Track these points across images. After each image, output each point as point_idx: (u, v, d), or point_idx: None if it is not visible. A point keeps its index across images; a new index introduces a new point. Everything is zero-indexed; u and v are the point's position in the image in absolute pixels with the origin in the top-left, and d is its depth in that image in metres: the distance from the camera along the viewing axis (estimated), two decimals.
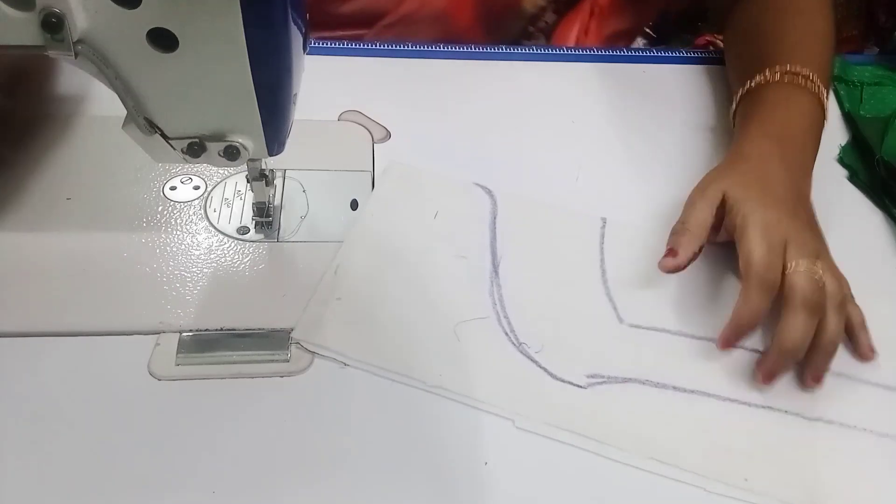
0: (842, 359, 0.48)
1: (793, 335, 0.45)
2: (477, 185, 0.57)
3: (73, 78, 0.40)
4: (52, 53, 0.36)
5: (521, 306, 0.49)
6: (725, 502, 0.42)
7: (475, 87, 0.67)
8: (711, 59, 0.72)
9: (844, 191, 0.62)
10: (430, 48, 0.71)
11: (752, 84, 0.59)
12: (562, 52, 0.73)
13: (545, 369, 0.46)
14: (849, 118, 0.67)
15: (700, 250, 0.49)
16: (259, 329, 0.47)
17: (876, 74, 0.72)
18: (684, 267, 0.49)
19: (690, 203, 0.52)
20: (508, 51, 0.72)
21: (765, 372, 0.46)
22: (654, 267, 0.49)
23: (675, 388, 0.46)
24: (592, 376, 0.46)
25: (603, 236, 0.54)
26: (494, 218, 0.55)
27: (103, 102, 0.42)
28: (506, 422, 0.44)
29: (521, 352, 0.47)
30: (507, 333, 0.48)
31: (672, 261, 0.49)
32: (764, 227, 0.48)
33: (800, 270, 0.46)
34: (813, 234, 0.50)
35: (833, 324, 0.47)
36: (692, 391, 0.46)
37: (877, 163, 0.61)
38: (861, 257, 0.55)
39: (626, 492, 0.42)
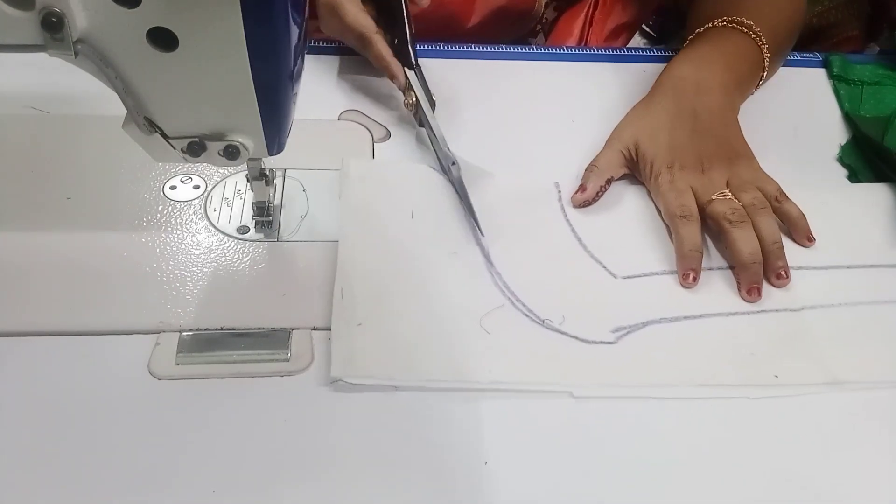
0: (794, 254, 0.54)
1: (739, 245, 0.51)
2: (433, 169, 0.58)
3: (72, 77, 0.40)
4: (52, 53, 0.36)
5: (526, 288, 0.51)
6: (766, 403, 0.46)
7: (475, 86, 0.67)
8: None
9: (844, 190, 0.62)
10: (430, 48, 0.71)
11: (695, 34, 0.64)
12: (562, 51, 0.74)
13: (576, 337, 0.49)
14: (849, 118, 0.67)
15: (608, 184, 0.57)
16: (259, 328, 0.47)
17: (876, 74, 0.72)
18: (591, 199, 0.57)
19: (607, 143, 0.59)
20: (509, 50, 0.72)
21: (745, 288, 0.51)
22: (618, 223, 0.56)
23: (685, 317, 0.50)
24: (616, 330, 0.49)
25: (563, 206, 0.57)
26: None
27: (103, 102, 0.42)
28: (505, 420, 0.44)
29: (547, 327, 0.49)
30: (527, 315, 0.49)
31: (580, 195, 0.57)
32: (669, 182, 0.55)
33: (712, 199, 0.54)
34: (719, 166, 0.56)
35: (764, 224, 0.53)
36: (700, 316, 0.50)
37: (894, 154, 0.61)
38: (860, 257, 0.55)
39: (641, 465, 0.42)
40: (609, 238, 0.55)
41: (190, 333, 0.46)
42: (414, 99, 0.59)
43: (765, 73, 0.64)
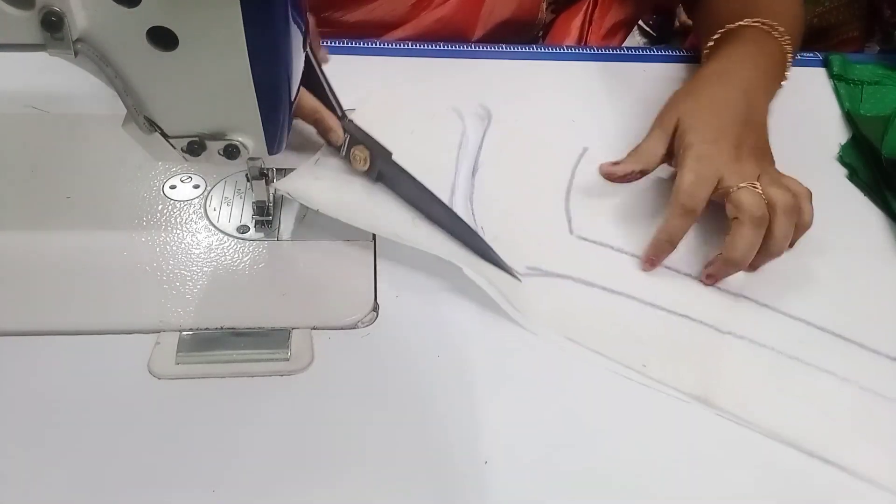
0: (766, 290, 0.52)
1: (740, 246, 0.49)
2: (480, 106, 0.63)
3: (72, 77, 0.40)
4: (51, 52, 0.36)
5: (486, 202, 0.55)
6: (623, 382, 0.46)
7: (476, 85, 0.67)
8: None
9: (844, 189, 0.62)
10: (430, 47, 0.71)
11: (725, 29, 0.63)
12: (563, 51, 0.73)
13: (489, 249, 0.51)
14: (849, 117, 0.67)
15: (641, 172, 0.55)
16: (259, 328, 0.47)
17: (876, 73, 0.72)
18: (616, 176, 0.55)
19: (651, 130, 0.57)
20: (509, 49, 0.72)
21: (708, 273, 0.51)
22: (614, 193, 0.57)
23: (603, 288, 0.51)
24: (532, 268, 0.52)
25: (577, 163, 0.59)
26: (487, 128, 0.60)
27: (103, 101, 0.42)
28: (505, 420, 0.44)
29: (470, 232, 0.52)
30: (471, 215, 0.54)
31: (609, 166, 0.56)
32: (698, 159, 0.52)
33: (742, 186, 0.50)
34: (753, 159, 0.53)
35: (781, 229, 0.50)
36: (619, 293, 0.51)
37: (884, 161, 0.61)
38: (859, 255, 0.55)
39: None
40: (594, 202, 0.56)
41: (190, 333, 0.46)
42: (366, 153, 0.53)
43: (784, 82, 0.63)
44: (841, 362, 0.49)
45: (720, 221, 0.53)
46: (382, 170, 0.53)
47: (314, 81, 0.53)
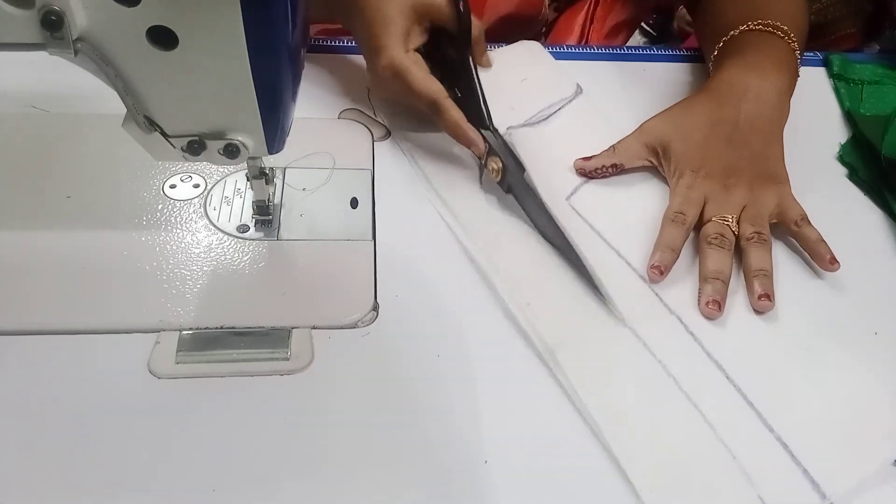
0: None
1: (706, 262, 0.52)
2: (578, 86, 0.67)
3: (72, 76, 0.40)
4: (51, 52, 0.35)
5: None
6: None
7: None
8: None
9: (844, 189, 0.62)
10: None
11: (729, 36, 0.63)
12: (564, 49, 0.73)
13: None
14: (849, 116, 0.67)
15: (614, 167, 0.58)
16: (259, 327, 0.47)
17: (876, 73, 0.72)
18: (588, 171, 0.59)
19: (634, 132, 0.60)
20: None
21: (704, 301, 0.50)
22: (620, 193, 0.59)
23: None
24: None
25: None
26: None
27: (103, 100, 0.42)
28: (505, 420, 0.44)
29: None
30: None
31: (581, 161, 0.59)
32: (687, 188, 0.56)
33: (711, 220, 0.54)
34: (744, 186, 0.55)
35: (753, 255, 0.52)
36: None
37: (883, 159, 0.61)
38: (860, 255, 0.55)
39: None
40: (601, 200, 0.58)
41: (190, 332, 0.46)
42: (500, 164, 0.54)
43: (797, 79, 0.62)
44: (840, 363, 0.48)
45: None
46: (513, 183, 0.55)
47: (469, 88, 0.56)
